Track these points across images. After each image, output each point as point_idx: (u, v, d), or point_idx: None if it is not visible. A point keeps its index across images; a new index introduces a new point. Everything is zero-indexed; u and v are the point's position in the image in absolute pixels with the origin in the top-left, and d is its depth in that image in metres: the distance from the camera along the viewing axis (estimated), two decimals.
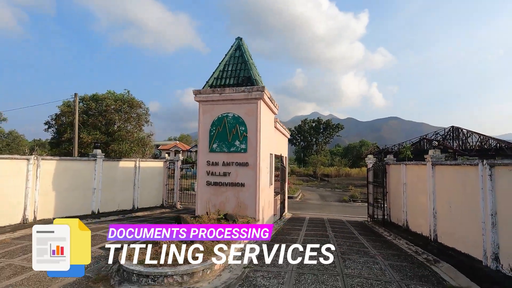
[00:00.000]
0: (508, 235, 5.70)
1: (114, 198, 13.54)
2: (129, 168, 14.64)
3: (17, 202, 9.49)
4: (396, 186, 11.88)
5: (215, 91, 9.92)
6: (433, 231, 8.56)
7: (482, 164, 6.36)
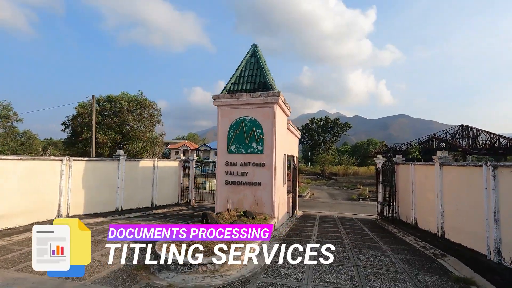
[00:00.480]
0: (510, 231, 6.21)
1: (135, 196, 14.31)
2: (148, 168, 15.40)
3: (52, 199, 10.32)
4: (405, 185, 12.36)
5: (233, 96, 10.57)
6: (441, 228, 9.07)
7: (486, 165, 6.87)
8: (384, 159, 15.58)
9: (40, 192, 9.87)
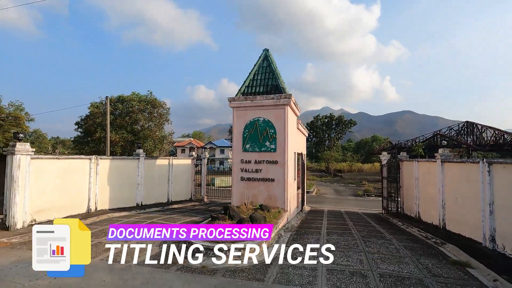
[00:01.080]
0: (502, 221, 6.94)
1: (152, 192, 15.21)
2: (164, 166, 16.28)
3: (83, 195, 11.25)
4: (409, 180, 13.07)
5: (247, 99, 11.35)
6: (442, 220, 9.81)
7: (482, 162, 7.58)
8: (389, 156, 16.26)
9: (72, 189, 10.80)
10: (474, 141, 42.90)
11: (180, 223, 10.10)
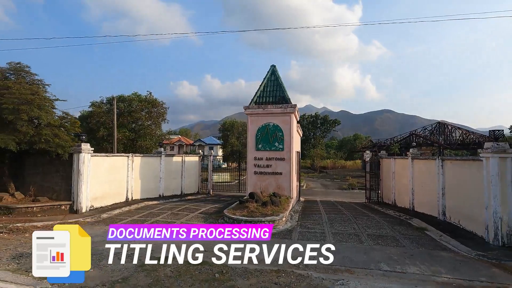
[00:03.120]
0: (450, 200, 9.92)
1: (170, 185, 17.42)
2: (178, 162, 18.50)
3: (122, 186, 13.44)
4: (387, 174, 16.06)
5: (259, 107, 13.91)
6: (412, 203, 12.80)
7: (438, 158, 10.56)
8: (372, 154, 19.28)
9: (116, 181, 12.99)
10: (445, 140, 47.48)
11: (208, 208, 12.53)
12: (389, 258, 6.64)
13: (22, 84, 9.67)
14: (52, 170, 11.35)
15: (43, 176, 11.41)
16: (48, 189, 11.31)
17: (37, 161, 11.36)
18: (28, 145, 9.72)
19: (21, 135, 9.32)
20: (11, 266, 5.66)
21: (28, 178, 11.53)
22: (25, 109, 9.14)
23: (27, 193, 11.05)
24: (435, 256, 6.87)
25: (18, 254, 6.36)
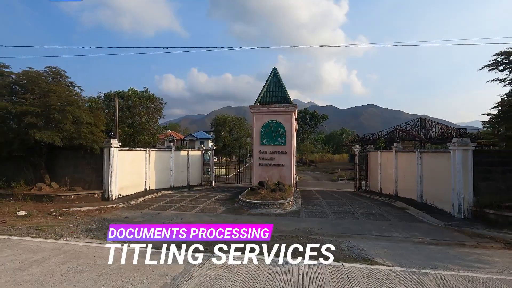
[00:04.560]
0: (426, 185, 12.03)
1: (178, 177, 18.93)
2: (184, 156, 19.98)
3: (142, 178, 14.91)
4: (374, 166, 18.17)
5: (264, 106, 15.61)
6: (395, 190, 14.91)
7: (417, 151, 12.64)
8: (360, 148, 21.39)
9: (137, 172, 14.47)
10: (426, 135, 50.69)
11: (220, 195, 14.20)
12: (379, 228, 8.60)
13: (63, 87, 10.96)
14: (83, 163, 12.71)
15: (75, 168, 12.76)
16: (79, 179, 12.69)
17: (68, 155, 12.69)
18: (69, 141, 11.07)
19: (64, 132, 10.67)
20: (88, 237, 7.22)
21: (60, 170, 12.86)
22: (70, 110, 10.47)
23: (62, 184, 12.39)
24: (413, 226, 8.90)
25: (87, 229, 7.90)
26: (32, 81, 10.58)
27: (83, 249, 6.10)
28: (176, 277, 4.69)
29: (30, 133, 9.97)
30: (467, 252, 6.51)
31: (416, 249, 6.67)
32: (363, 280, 4.65)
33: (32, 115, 9.95)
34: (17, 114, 9.89)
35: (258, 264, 5.29)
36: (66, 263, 5.22)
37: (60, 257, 5.56)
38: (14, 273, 4.76)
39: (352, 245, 6.79)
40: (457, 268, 5.32)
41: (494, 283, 4.63)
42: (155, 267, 5.08)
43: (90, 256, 5.62)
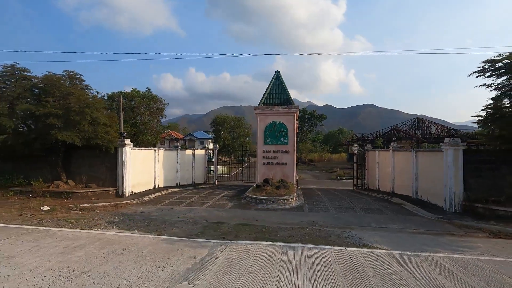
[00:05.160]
0: (421, 183, 12.85)
1: (184, 175, 19.65)
2: (189, 155, 20.70)
3: (151, 176, 15.63)
4: (372, 164, 18.98)
5: (267, 107, 16.37)
6: (392, 188, 15.73)
7: (413, 150, 13.45)
8: (359, 147, 22.20)
9: (147, 171, 15.19)
10: (423, 134, 51.66)
11: (226, 192, 14.95)
12: (377, 221, 9.40)
13: (80, 90, 11.66)
14: (98, 162, 13.41)
15: (90, 167, 13.46)
16: (94, 177, 13.38)
17: (84, 154, 13.38)
18: (87, 141, 11.78)
19: (83, 132, 11.38)
20: (114, 228, 7.95)
21: (75, 168, 13.55)
22: (88, 111, 11.18)
23: (77, 181, 13.10)
24: (408, 219, 9.71)
25: (110, 222, 8.63)
26: (53, 84, 11.27)
27: (114, 237, 6.84)
28: (203, 258, 5.45)
29: (51, 134, 10.66)
30: (455, 240, 7.31)
31: (410, 238, 7.47)
32: (363, 260, 5.44)
33: (54, 116, 10.64)
34: (40, 115, 10.57)
35: (272, 248, 6.06)
36: (104, 248, 5.96)
37: (96, 243, 6.30)
38: (62, 256, 5.50)
39: (353, 235, 7.58)
40: (444, 251, 6.11)
41: (475, 262, 5.44)
42: (183, 251, 5.84)
43: (123, 243, 6.36)
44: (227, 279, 4.54)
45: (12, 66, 11.58)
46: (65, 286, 4.24)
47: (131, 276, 4.61)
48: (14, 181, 12.86)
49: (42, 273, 4.71)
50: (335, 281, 4.51)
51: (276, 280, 4.52)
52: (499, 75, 9.93)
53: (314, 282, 4.43)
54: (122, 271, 4.81)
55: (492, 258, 5.74)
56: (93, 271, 4.77)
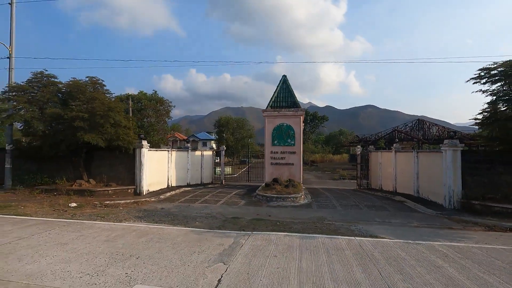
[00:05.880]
0: (422, 182, 13.60)
1: (193, 175, 20.43)
2: (198, 156, 21.48)
3: (165, 175, 16.43)
4: (375, 165, 19.73)
5: (275, 110, 17.16)
6: (394, 187, 16.48)
7: (414, 151, 14.21)
8: (362, 148, 22.96)
9: (161, 171, 15.99)
10: (424, 136, 52.36)
11: (237, 191, 15.72)
12: (381, 216, 10.16)
13: (103, 94, 12.49)
14: (117, 162, 14.23)
15: (109, 167, 14.28)
16: (113, 176, 14.19)
17: (103, 155, 14.20)
18: (109, 142, 12.60)
19: (106, 134, 12.20)
20: (142, 222, 8.73)
21: (96, 168, 14.37)
22: (111, 115, 12.00)
23: (97, 180, 13.91)
24: (410, 215, 10.47)
25: (137, 216, 9.43)
26: (78, 89, 12.11)
27: (146, 229, 7.63)
28: (231, 245, 6.23)
29: (78, 136, 11.48)
30: (453, 232, 8.07)
31: (412, 231, 8.23)
32: (371, 246, 6.21)
33: (80, 119, 11.46)
34: (68, 118, 11.39)
35: (290, 238, 6.85)
36: (142, 237, 6.75)
37: (133, 234, 7.09)
38: (107, 243, 6.29)
39: (360, 228, 8.35)
40: (443, 241, 6.88)
41: (469, 248, 6.21)
42: (212, 240, 6.63)
43: (156, 233, 7.14)
44: (256, 260, 5.32)
45: (41, 72, 12.45)
46: (120, 265, 5.03)
47: (173, 258, 5.40)
48: (39, 180, 13.68)
49: (97, 256, 5.50)
50: (348, 262, 5.29)
51: (298, 261, 5.30)
52: (494, 82, 10.71)
53: (330, 263, 5.21)
54: (164, 254, 5.60)
55: (485, 245, 6.50)
56: (139, 254, 5.56)
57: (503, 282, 4.53)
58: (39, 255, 5.48)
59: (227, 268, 4.96)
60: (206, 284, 4.33)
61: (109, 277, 4.52)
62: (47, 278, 4.49)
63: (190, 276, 4.58)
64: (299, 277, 4.59)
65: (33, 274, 4.60)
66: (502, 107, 10.97)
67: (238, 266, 5.03)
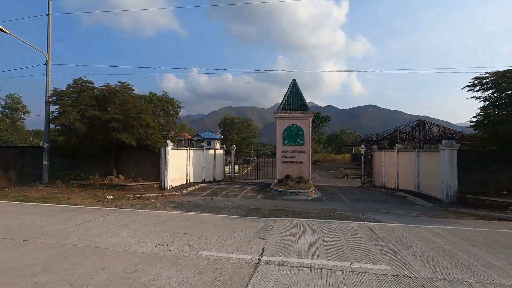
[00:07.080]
0: (422, 179, 14.88)
1: (207, 173, 21.75)
2: (211, 154, 22.78)
3: (184, 172, 17.77)
4: (378, 164, 20.99)
5: (285, 112, 18.48)
6: (396, 184, 17.76)
7: (415, 151, 15.49)
8: (366, 148, 24.24)
9: (181, 168, 17.33)
10: (425, 136, 53.55)
11: (251, 187, 17.03)
12: (385, 208, 11.47)
13: (133, 98, 13.83)
14: (143, 159, 15.58)
15: (135, 164, 15.63)
16: (139, 173, 15.55)
17: (131, 153, 15.55)
18: (138, 141, 13.94)
19: (137, 134, 13.54)
20: (178, 210, 10.05)
21: (123, 165, 15.73)
22: (142, 117, 13.34)
23: (126, 176, 15.26)
24: (411, 207, 11.77)
25: (171, 206, 10.75)
26: (113, 93, 13.46)
27: (187, 215, 8.97)
28: (262, 227, 7.55)
29: (113, 135, 12.81)
30: (448, 220, 9.36)
31: (413, 219, 9.53)
32: (379, 229, 7.53)
33: (115, 121, 12.79)
34: (105, 120, 12.73)
35: (310, 222, 8.17)
36: (186, 222, 8.08)
37: (177, 219, 8.42)
38: (160, 225, 7.62)
39: (368, 216, 9.66)
40: (439, 225, 8.19)
41: (460, 230, 7.52)
42: (245, 223, 7.95)
43: (197, 219, 8.47)
44: (287, 237, 6.63)
45: (80, 79, 13.82)
46: (181, 239, 6.35)
47: (220, 235, 6.73)
48: (72, 176, 15.05)
49: (157, 233, 6.82)
50: (361, 238, 6.60)
51: (320, 237, 6.62)
52: (486, 89, 11.98)
53: (347, 240, 6.52)
54: (211, 233, 6.93)
55: (473, 228, 7.82)
56: (192, 233, 6.89)
57: (484, 251, 5.83)
58: (112, 232, 6.82)
59: (266, 241, 6.28)
60: (254, 250, 5.65)
61: (178, 246, 5.85)
62: (130, 247, 5.82)
63: (239, 247, 5.91)
64: (324, 247, 5.91)
65: (118, 244, 5.94)
66: (493, 111, 12.24)
67: (274, 241, 6.35)
